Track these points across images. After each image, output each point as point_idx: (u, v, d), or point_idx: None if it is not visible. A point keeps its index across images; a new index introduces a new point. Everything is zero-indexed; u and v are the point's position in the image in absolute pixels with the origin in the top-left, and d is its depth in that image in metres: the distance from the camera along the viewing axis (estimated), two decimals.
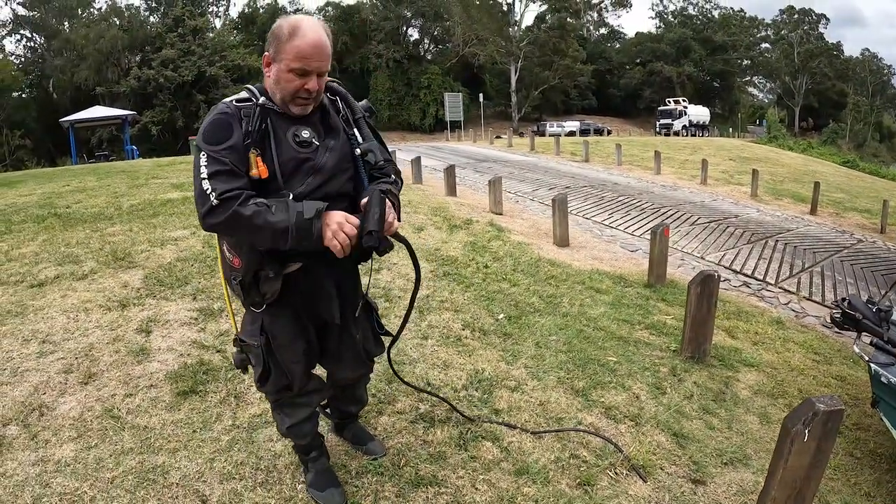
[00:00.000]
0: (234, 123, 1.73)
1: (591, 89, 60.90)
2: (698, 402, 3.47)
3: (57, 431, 2.57)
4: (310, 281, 1.90)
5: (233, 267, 1.83)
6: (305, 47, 1.73)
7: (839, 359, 4.69)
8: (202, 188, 1.65)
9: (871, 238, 10.42)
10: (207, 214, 1.65)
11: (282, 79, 1.77)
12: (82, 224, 5.87)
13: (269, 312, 1.92)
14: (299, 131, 1.82)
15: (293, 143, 1.80)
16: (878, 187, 21.58)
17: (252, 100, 1.80)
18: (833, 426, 2.06)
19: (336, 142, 1.89)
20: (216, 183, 1.64)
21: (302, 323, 1.98)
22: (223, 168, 1.66)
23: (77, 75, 38.35)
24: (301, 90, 1.77)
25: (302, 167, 1.80)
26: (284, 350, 1.95)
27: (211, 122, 1.74)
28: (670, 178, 15.21)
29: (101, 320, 3.66)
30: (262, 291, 1.83)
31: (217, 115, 1.75)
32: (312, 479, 2.23)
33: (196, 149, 1.74)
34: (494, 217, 8.27)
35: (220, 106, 1.79)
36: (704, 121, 50.65)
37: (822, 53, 69.05)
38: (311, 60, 1.75)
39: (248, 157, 1.71)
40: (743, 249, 8.32)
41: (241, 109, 1.76)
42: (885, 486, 2.93)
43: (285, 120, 1.82)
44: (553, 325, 4.28)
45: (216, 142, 1.70)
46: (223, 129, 1.72)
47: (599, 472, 2.58)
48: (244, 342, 1.98)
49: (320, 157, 1.84)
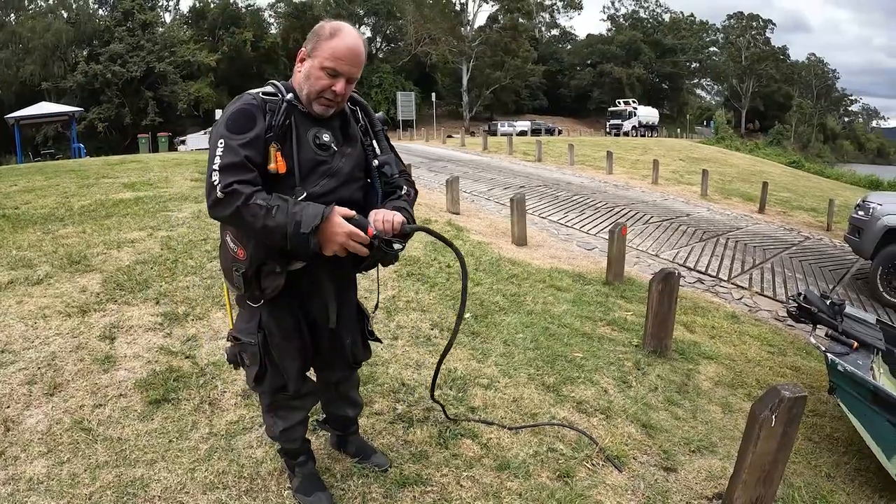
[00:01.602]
0: (258, 115, 1.74)
1: (542, 90, 61.86)
2: (663, 393, 3.60)
3: (25, 447, 2.46)
4: (311, 281, 1.91)
5: (236, 258, 1.80)
6: (342, 49, 1.78)
7: (793, 350, 4.94)
8: (211, 180, 1.65)
9: (817, 236, 10.96)
10: (213, 206, 1.66)
11: (312, 75, 1.79)
12: (33, 226, 5.63)
13: (268, 309, 1.91)
14: (320, 134, 1.84)
15: (313, 145, 1.82)
16: (824, 187, 22.68)
17: (278, 95, 1.81)
18: (797, 411, 2.19)
19: (353, 150, 1.93)
20: (225, 176, 1.64)
21: (298, 321, 1.98)
22: (236, 161, 1.66)
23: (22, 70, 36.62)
24: (327, 90, 1.80)
25: (318, 169, 1.82)
26: (281, 348, 1.95)
27: (236, 111, 1.74)
28: (622, 178, 15.58)
29: (62, 327, 3.52)
30: (264, 286, 1.82)
31: (243, 104, 1.76)
32: (299, 485, 2.21)
33: (216, 135, 1.72)
34: (452, 217, 8.32)
35: (245, 96, 1.80)
36: (653, 122, 52.01)
37: (769, 57, 72.08)
38: (344, 63, 1.79)
39: (268, 151, 1.72)
40: (696, 247, 8.62)
41: (266, 103, 1.77)
42: (843, 468, 3.12)
43: (308, 120, 1.84)
44: (519, 324, 4.36)
45: (237, 131, 1.70)
46: (247, 119, 1.73)
47: (577, 464, 2.66)
48: (239, 339, 1.96)
49: (337, 161, 1.86)
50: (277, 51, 47.85)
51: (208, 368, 3.18)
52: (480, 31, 56.14)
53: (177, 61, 38.31)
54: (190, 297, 4.08)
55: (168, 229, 5.66)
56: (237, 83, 45.04)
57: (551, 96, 63.17)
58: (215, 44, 44.37)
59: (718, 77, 75.53)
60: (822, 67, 78.40)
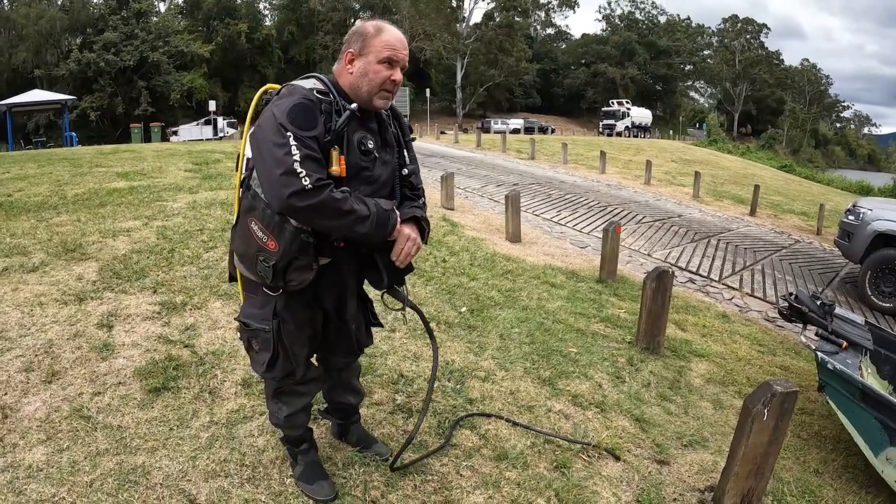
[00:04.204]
0: (318, 114, 1.76)
1: (535, 88, 62.06)
2: (656, 389, 3.66)
3: (24, 434, 2.45)
4: (334, 275, 1.96)
5: (264, 247, 1.79)
6: (394, 40, 1.87)
7: (782, 350, 5.02)
8: (293, 168, 1.65)
9: (807, 239, 11.08)
10: (296, 195, 1.65)
11: (370, 70, 1.84)
12: (26, 213, 5.60)
13: (284, 298, 1.93)
14: (365, 140, 1.88)
15: (358, 150, 1.86)
16: (814, 191, 22.93)
17: (330, 95, 1.82)
18: (789, 406, 2.25)
19: (391, 157, 1.99)
20: (309, 168, 1.67)
21: (312, 310, 2.01)
22: (315, 155, 1.70)
23: (15, 57, 36.30)
24: (388, 82, 1.86)
25: (361, 175, 1.86)
26: (293, 335, 1.97)
27: (298, 106, 1.74)
28: (615, 178, 15.66)
29: (59, 315, 3.52)
30: (290, 278, 1.83)
31: (302, 100, 1.76)
32: (301, 473, 2.24)
33: (275, 124, 1.71)
34: (447, 212, 8.34)
35: (301, 90, 1.81)
36: (646, 122, 52.28)
37: (763, 61, 72.50)
38: (398, 52, 1.88)
39: (331, 153, 1.75)
40: (687, 248, 8.70)
41: (321, 103, 1.79)
42: (832, 465, 3.18)
43: (356, 123, 1.87)
44: (514, 318, 4.40)
45: (304, 127, 1.72)
46: (310, 116, 1.74)
47: (573, 456, 2.70)
48: (248, 325, 1.97)
49: (377, 169, 1.92)
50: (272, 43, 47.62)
51: (207, 357, 3.20)
52: (476, 28, 56.16)
53: (170, 51, 38.10)
54: (187, 287, 4.09)
55: (163, 219, 5.65)
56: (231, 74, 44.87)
57: (545, 95, 63.37)
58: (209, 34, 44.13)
59: (712, 80, 75.94)
60: (815, 73, 78.92)
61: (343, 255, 1.90)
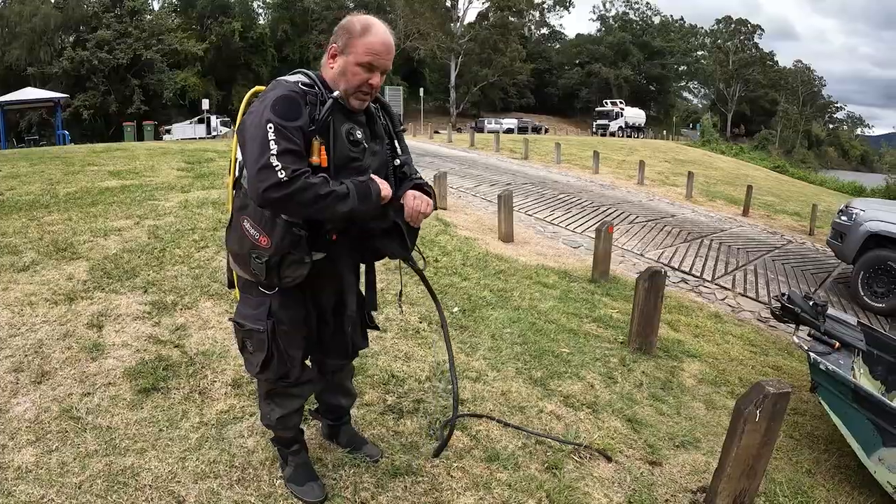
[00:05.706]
0: (302, 106, 1.76)
1: (529, 88, 62.01)
2: (648, 390, 3.66)
3: (13, 435, 2.43)
4: (332, 271, 1.96)
5: (257, 245, 1.79)
6: (377, 44, 1.83)
7: (774, 350, 5.04)
8: (269, 163, 1.64)
9: (800, 239, 11.13)
10: (272, 188, 1.63)
11: (349, 71, 1.83)
12: (17, 212, 5.56)
13: (279, 297, 1.91)
14: (353, 130, 1.87)
15: (347, 141, 1.84)
16: (807, 192, 23.04)
17: (315, 87, 1.82)
18: (781, 407, 2.25)
19: (380, 148, 1.98)
20: (286, 161, 1.65)
21: (308, 310, 2.00)
22: (293, 148, 1.68)
23: (8, 54, 35.95)
24: (365, 84, 1.84)
25: (350, 165, 1.85)
26: (288, 336, 1.96)
27: (283, 98, 1.74)
28: (608, 178, 15.69)
29: (49, 315, 3.50)
30: (284, 275, 1.82)
31: (288, 91, 1.76)
32: (291, 474, 2.22)
33: (261, 120, 1.71)
34: (439, 211, 8.31)
35: (285, 84, 1.81)
36: (640, 123, 52.36)
37: (756, 62, 72.73)
38: (380, 57, 1.84)
39: (312, 143, 1.74)
40: (680, 248, 8.72)
41: (306, 94, 1.79)
42: (824, 465, 3.19)
43: (343, 115, 1.86)
44: (506, 319, 4.40)
45: (288, 117, 1.71)
46: (294, 107, 1.74)
47: (565, 457, 2.70)
48: (243, 326, 1.96)
49: (367, 159, 1.91)
50: (266, 41, 47.44)
51: (198, 358, 3.18)
52: (470, 28, 56.09)
53: (164, 49, 37.83)
54: (178, 287, 4.07)
55: (155, 218, 5.62)
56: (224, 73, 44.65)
57: (539, 95, 63.37)
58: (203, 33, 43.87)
59: (706, 80, 76.21)
60: (808, 74, 79.32)
61: (338, 250, 1.89)
